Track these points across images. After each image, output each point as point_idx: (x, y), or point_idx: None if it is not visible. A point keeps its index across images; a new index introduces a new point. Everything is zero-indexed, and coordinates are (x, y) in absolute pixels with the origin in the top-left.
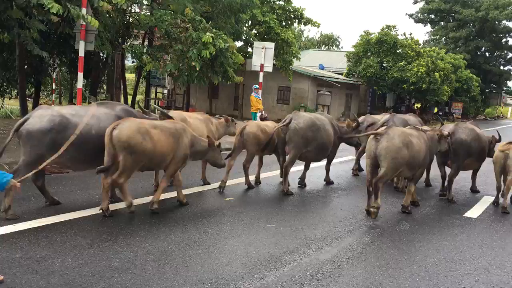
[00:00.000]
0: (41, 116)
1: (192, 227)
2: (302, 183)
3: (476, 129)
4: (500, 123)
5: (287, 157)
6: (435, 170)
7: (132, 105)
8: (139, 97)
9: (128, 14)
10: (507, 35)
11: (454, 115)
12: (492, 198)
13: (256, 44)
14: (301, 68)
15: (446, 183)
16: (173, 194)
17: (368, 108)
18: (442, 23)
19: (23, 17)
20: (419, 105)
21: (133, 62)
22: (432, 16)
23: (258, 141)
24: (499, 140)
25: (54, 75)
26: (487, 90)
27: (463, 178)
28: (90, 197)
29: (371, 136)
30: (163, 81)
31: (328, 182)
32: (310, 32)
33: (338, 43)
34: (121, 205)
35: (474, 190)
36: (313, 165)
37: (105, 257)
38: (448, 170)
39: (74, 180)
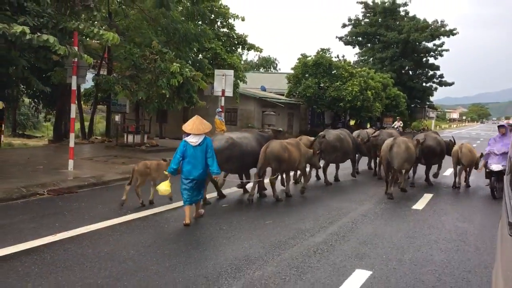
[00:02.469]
0: (220, 140)
1: (209, 226)
2: (337, 179)
3: (437, 137)
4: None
5: (324, 161)
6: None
7: (90, 131)
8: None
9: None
10: (427, 54)
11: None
12: (431, 195)
13: (217, 71)
14: (245, 90)
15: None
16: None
17: (308, 126)
18: (369, 45)
19: (18, 56)
20: (353, 122)
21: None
22: (360, 38)
23: None
24: (455, 143)
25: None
26: (412, 105)
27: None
28: (121, 208)
29: (385, 144)
30: (123, 107)
31: (354, 175)
32: (249, 56)
33: (275, 65)
34: (138, 215)
35: (435, 176)
36: None
37: (157, 248)
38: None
39: (104, 196)
